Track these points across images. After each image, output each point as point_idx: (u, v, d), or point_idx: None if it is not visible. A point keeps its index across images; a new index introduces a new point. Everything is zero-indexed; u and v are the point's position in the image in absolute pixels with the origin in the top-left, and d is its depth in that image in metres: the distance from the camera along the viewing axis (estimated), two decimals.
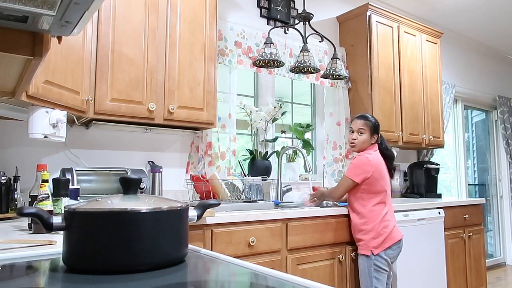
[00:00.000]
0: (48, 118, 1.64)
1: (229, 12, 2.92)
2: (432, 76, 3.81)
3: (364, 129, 2.40)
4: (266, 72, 2.93)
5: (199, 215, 0.99)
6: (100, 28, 1.97)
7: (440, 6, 4.13)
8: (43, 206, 1.32)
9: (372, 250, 2.25)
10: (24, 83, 1.26)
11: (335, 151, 3.30)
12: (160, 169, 2.26)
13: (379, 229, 2.26)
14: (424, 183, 3.64)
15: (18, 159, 2.06)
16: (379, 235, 2.25)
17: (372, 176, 2.28)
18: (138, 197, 0.89)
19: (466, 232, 3.22)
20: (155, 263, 0.81)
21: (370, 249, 2.26)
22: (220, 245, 1.89)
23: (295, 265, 2.16)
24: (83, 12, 0.81)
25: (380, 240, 2.25)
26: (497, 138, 5.48)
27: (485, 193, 5.40)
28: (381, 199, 2.30)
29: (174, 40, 2.20)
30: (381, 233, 2.25)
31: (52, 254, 0.98)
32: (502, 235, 5.31)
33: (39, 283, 0.73)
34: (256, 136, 3.06)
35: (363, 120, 2.42)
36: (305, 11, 2.77)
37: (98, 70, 1.95)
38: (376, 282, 2.22)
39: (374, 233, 2.26)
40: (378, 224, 2.26)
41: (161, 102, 2.14)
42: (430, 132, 3.71)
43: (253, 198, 2.51)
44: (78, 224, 0.81)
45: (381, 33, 3.38)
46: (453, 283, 3.04)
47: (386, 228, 2.26)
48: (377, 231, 2.26)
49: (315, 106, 3.49)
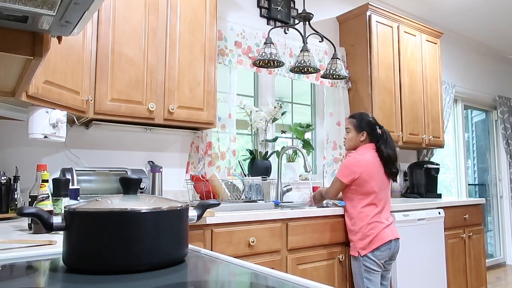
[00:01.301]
0: (48, 118, 1.64)
1: (229, 12, 2.92)
2: (432, 76, 3.81)
3: (349, 127, 2.44)
4: (266, 72, 2.93)
5: (199, 215, 0.99)
6: (100, 28, 1.97)
7: (440, 6, 4.13)
8: (43, 206, 1.32)
9: (360, 251, 2.25)
10: (24, 83, 1.26)
11: (335, 151, 3.30)
12: (160, 169, 2.26)
13: (365, 230, 2.25)
14: (424, 183, 3.64)
15: (18, 159, 2.06)
16: (366, 237, 2.24)
17: (360, 177, 2.27)
18: (138, 197, 0.89)
19: (466, 232, 3.22)
20: (155, 263, 0.81)
21: (357, 250, 2.26)
22: (220, 245, 1.89)
23: (295, 265, 2.16)
24: (83, 12, 0.81)
25: (366, 241, 2.24)
26: (497, 138, 5.48)
27: (485, 193, 5.40)
28: (371, 201, 2.28)
29: (174, 40, 2.20)
30: (368, 235, 2.24)
31: (52, 254, 0.98)
32: (502, 235, 5.31)
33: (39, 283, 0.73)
34: (256, 136, 3.06)
35: (349, 119, 2.48)
36: (305, 11, 2.77)
37: (98, 70, 1.95)
38: (368, 283, 2.22)
39: (361, 235, 2.26)
40: (365, 226, 2.25)
41: (161, 102, 2.14)
42: (430, 132, 3.71)
43: (253, 198, 2.51)
44: (78, 224, 0.80)
45: (381, 33, 3.38)
46: (453, 283, 3.04)
47: (373, 229, 2.24)
48: (363, 233, 2.25)
49: (315, 106, 3.49)
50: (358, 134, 2.39)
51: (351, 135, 2.42)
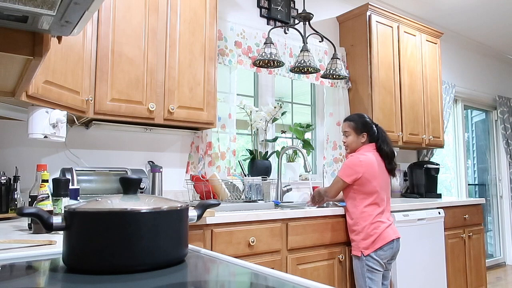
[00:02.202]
0: (48, 118, 1.64)
1: (229, 12, 2.92)
2: (432, 76, 3.81)
3: (347, 130, 2.45)
4: (266, 72, 2.93)
5: (199, 215, 0.99)
6: (100, 28, 1.97)
7: (440, 6, 4.13)
8: (43, 206, 1.32)
9: (363, 251, 2.25)
10: (24, 83, 1.26)
11: (335, 151, 3.30)
12: (160, 169, 2.26)
13: (369, 230, 2.25)
14: (424, 183, 3.64)
15: (18, 159, 2.06)
16: (369, 236, 2.24)
17: (363, 176, 2.28)
18: (138, 197, 0.89)
19: (466, 232, 3.22)
20: (155, 263, 0.81)
21: (360, 250, 2.26)
22: (220, 245, 1.89)
23: (295, 265, 2.16)
24: (83, 12, 0.81)
25: (369, 241, 2.24)
26: (497, 138, 5.48)
27: (485, 193, 5.40)
28: (373, 200, 2.29)
29: (174, 40, 2.20)
30: (371, 234, 2.24)
31: (52, 254, 0.98)
32: (502, 235, 5.31)
33: (39, 283, 0.73)
34: (256, 136, 3.06)
35: (346, 122, 2.47)
36: (305, 11, 2.77)
37: (98, 70, 1.95)
38: (370, 282, 2.22)
39: (364, 234, 2.26)
40: (368, 225, 2.25)
41: (161, 102, 2.14)
42: (430, 132, 3.71)
43: (253, 198, 2.51)
44: (78, 224, 0.80)
45: (381, 33, 3.38)
46: (453, 283, 3.05)
47: (376, 229, 2.24)
48: (366, 232, 2.25)
49: (315, 106, 3.49)
50: (359, 136, 2.40)
51: (352, 138, 2.42)
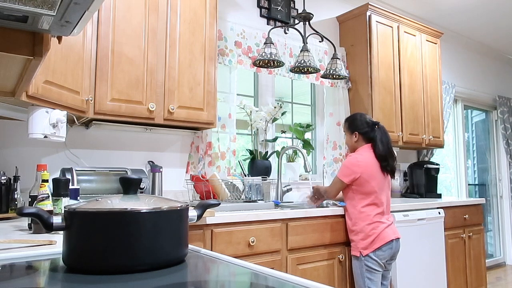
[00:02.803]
0: (48, 118, 1.64)
1: (229, 12, 2.92)
2: (432, 76, 3.81)
3: (344, 131, 2.54)
4: (266, 72, 2.93)
5: (199, 215, 0.99)
6: (100, 28, 1.97)
7: (440, 6, 4.13)
8: (43, 206, 1.32)
9: (361, 251, 2.25)
10: (24, 83, 1.26)
11: (335, 151, 3.30)
12: (160, 169, 2.26)
13: (367, 230, 2.25)
14: (424, 183, 3.64)
15: (18, 159, 2.06)
16: (368, 237, 2.24)
17: (361, 176, 2.28)
18: (138, 197, 0.89)
19: (466, 232, 3.22)
20: (155, 263, 0.81)
21: (359, 250, 2.26)
22: (220, 245, 1.89)
23: (295, 265, 2.16)
24: (83, 12, 0.81)
25: (368, 241, 2.24)
26: (497, 138, 5.48)
27: (485, 193, 5.40)
28: (372, 201, 2.28)
29: (174, 40, 2.20)
30: (370, 235, 2.24)
31: (52, 254, 0.98)
32: (502, 235, 5.31)
33: (39, 283, 0.73)
34: (256, 136, 3.06)
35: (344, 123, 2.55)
36: (305, 11, 2.77)
37: (98, 70, 1.95)
38: (369, 283, 2.23)
39: (363, 235, 2.26)
40: (367, 226, 2.25)
41: (161, 102, 2.14)
42: (430, 132, 3.71)
43: (253, 198, 2.51)
44: (78, 224, 0.80)
45: (381, 33, 3.38)
46: (453, 283, 3.05)
47: (375, 229, 2.24)
48: (365, 233, 2.25)
49: (315, 106, 3.49)
50: (351, 135, 2.44)
51: (347, 138, 2.51)
